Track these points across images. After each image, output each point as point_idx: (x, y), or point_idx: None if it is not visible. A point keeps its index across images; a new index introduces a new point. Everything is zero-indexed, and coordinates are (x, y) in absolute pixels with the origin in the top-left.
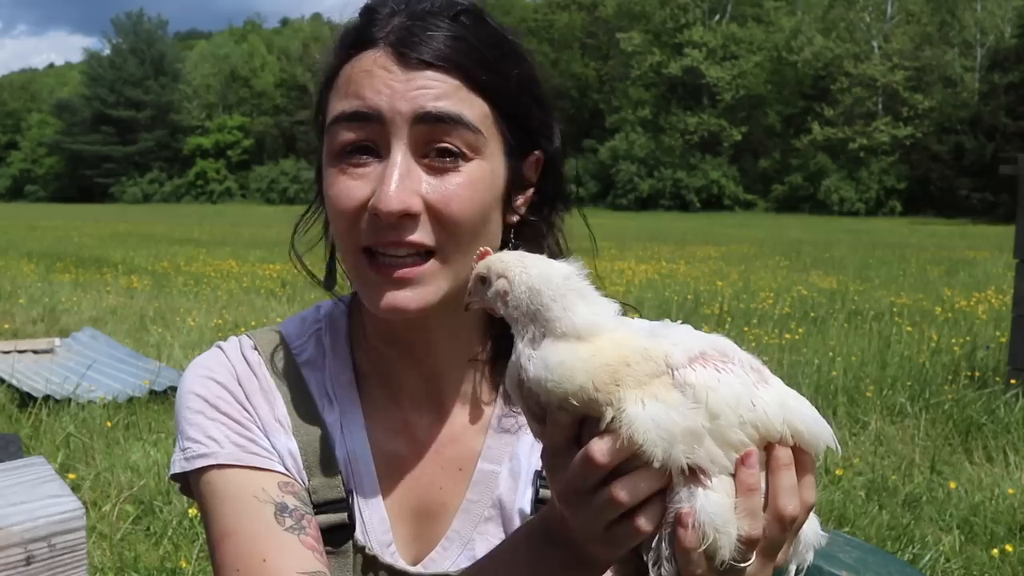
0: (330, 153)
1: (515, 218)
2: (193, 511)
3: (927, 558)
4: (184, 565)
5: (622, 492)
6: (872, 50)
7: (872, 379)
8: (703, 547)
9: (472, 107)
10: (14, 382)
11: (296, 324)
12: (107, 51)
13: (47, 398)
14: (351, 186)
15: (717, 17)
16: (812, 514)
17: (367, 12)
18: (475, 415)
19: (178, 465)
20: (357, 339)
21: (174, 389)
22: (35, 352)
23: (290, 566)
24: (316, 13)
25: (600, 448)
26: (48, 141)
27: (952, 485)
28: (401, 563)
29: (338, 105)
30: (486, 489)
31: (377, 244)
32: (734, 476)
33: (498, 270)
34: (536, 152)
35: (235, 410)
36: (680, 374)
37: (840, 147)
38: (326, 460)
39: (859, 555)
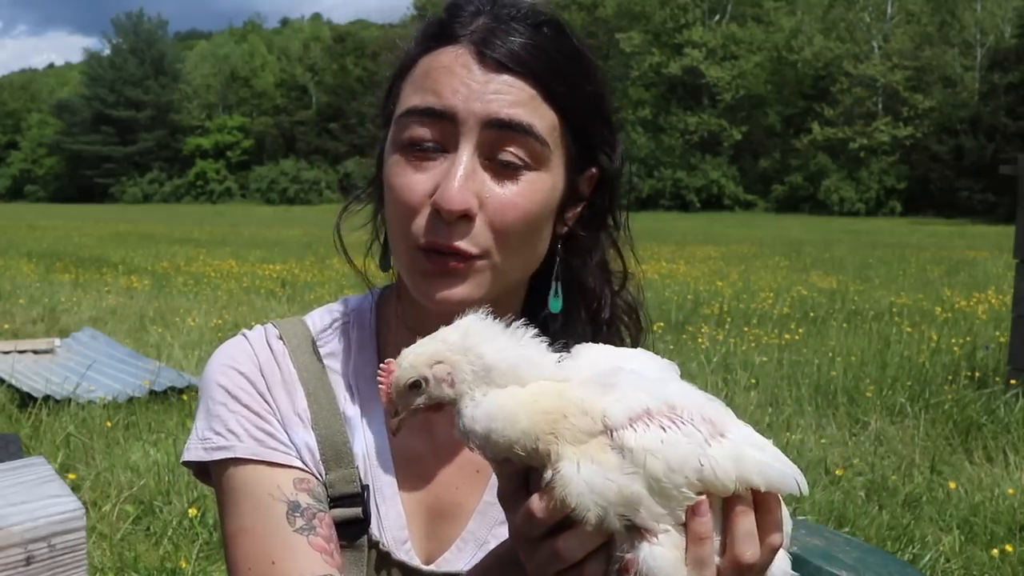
0: (397, 143)
1: (564, 229)
2: (193, 511)
3: (927, 558)
4: (184, 565)
5: (564, 549)
6: (872, 50)
7: (872, 379)
8: None
9: (543, 118)
10: (14, 382)
11: (322, 316)
12: (107, 51)
13: (47, 398)
14: (415, 179)
15: (717, 17)
16: (783, 553)
17: (452, 8)
18: None
19: (195, 453)
20: (383, 336)
21: (174, 389)
22: (35, 352)
23: (298, 569)
24: (316, 13)
25: (538, 506)
26: (48, 141)
27: (952, 485)
28: (415, 561)
29: (412, 97)
30: None
31: (432, 244)
32: (684, 524)
33: (425, 361)
34: (593, 168)
35: (256, 402)
36: (618, 436)
37: (840, 147)
38: (344, 454)
39: (859, 555)
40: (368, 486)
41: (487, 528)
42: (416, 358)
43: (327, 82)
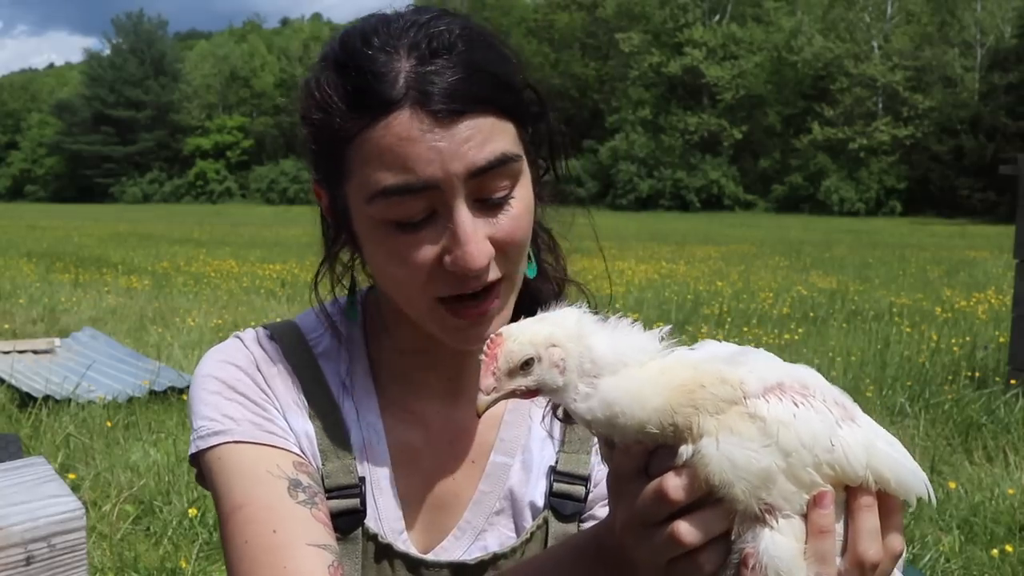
0: (381, 220)
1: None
2: (193, 511)
3: (927, 558)
4: (184, 565)
5: (688, 533)
6: (872, 50)
7: (872, 379)
8: None
9: (508, 135)
10: (14, 382)
11: (312, 317)
12: (107, 51)
13: (47, 398)
14: (417, 253)
15: (717, 17)
16: (898, 570)
17: (368, 69)
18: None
19: (193, 447)
20: (373, 333)
21: (174, 389)
22: (35, 352)
23: (300, 538)
24: (316, 13)
25: (675, 484)
26: (48, 141)
27: (952, 485)
28: (413, 551)
29: (380, 175)
30: (498, 481)
31: (460, 294)
32: (805, 516)
33: (543, 341)
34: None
35: (253, 391)
36: (751, 404)
37: (840, 147)
38: (341, 446)
39: None
40: (364, 478)
41: (483, 517)
42: (534, 336)
43: None
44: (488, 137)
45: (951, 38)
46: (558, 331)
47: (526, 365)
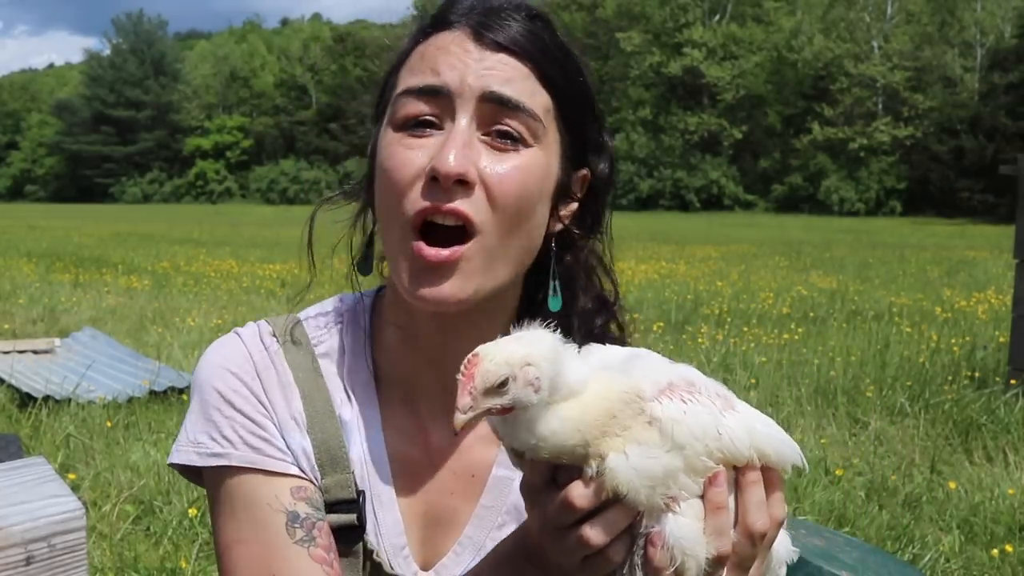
0: (392, 123)
1: (559, 227)
2: (193, 511)
3: (927, 558)
4: (184, 565)
5: (595, 535)
6: (872, 50)
7: (872, 379)
8: (672, 568)
9: (536, 97)
10: (14, 382)
11: (317, 313)
12: (107, 51)
13: (47, 398)
14: (410, 155)
15: (717, 17)
16: (783, 531)
17: (447, 2)
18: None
19: (187, 456)
20: (377, 338)
21: (174, 389)
22: (35, 352)
23: None
24: (316, 13)
25: (580, 494)
26: (48, 141)
27: (952, 485)
28: (414, 567)
29: (409, 79)
30: (500, 495)
31: (429, 208)
32: (702, 496)
33: (519, 360)
34: (585, 169)
35: (251, 407)
36: (648, 408)
37: (840, 147)
38: (340, 459)
39: (859, 555)
40: (364, 492)
41: (485, 532)
42: (510, 356)
43: (327, 82)
44: (515, 78)
45: (951, 38)
46: (534, 351)
47: (502, 385)
